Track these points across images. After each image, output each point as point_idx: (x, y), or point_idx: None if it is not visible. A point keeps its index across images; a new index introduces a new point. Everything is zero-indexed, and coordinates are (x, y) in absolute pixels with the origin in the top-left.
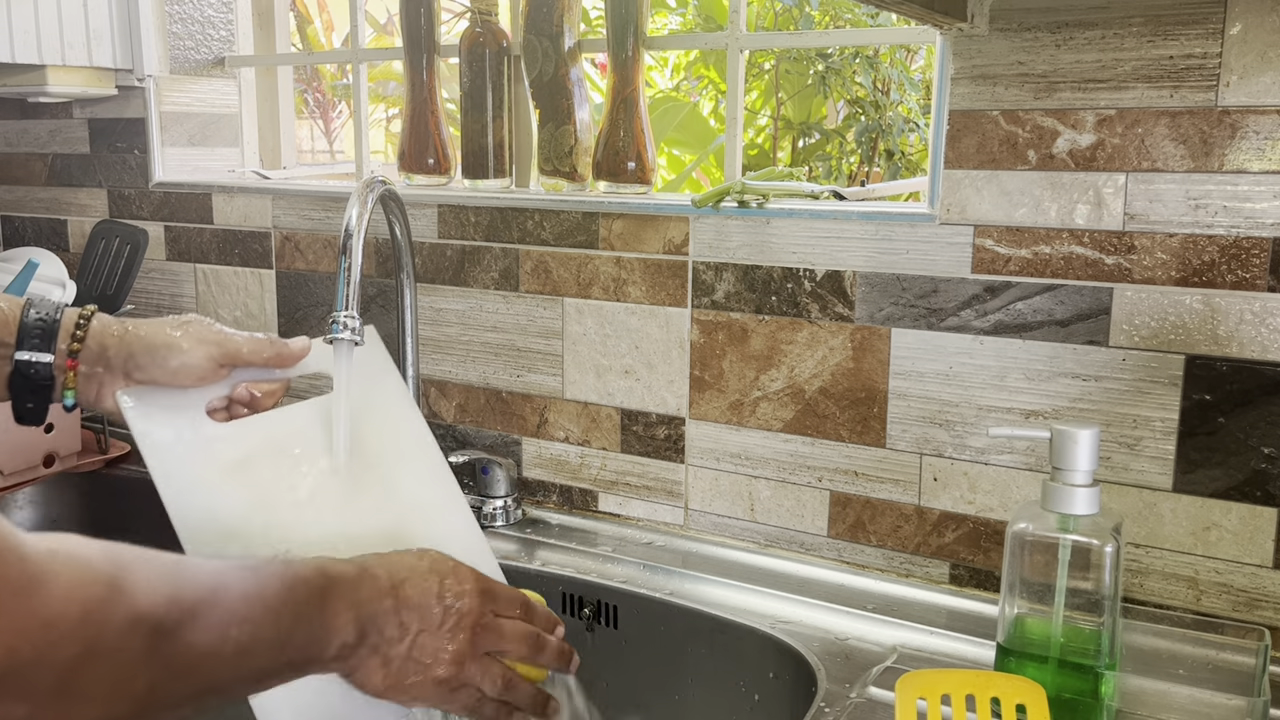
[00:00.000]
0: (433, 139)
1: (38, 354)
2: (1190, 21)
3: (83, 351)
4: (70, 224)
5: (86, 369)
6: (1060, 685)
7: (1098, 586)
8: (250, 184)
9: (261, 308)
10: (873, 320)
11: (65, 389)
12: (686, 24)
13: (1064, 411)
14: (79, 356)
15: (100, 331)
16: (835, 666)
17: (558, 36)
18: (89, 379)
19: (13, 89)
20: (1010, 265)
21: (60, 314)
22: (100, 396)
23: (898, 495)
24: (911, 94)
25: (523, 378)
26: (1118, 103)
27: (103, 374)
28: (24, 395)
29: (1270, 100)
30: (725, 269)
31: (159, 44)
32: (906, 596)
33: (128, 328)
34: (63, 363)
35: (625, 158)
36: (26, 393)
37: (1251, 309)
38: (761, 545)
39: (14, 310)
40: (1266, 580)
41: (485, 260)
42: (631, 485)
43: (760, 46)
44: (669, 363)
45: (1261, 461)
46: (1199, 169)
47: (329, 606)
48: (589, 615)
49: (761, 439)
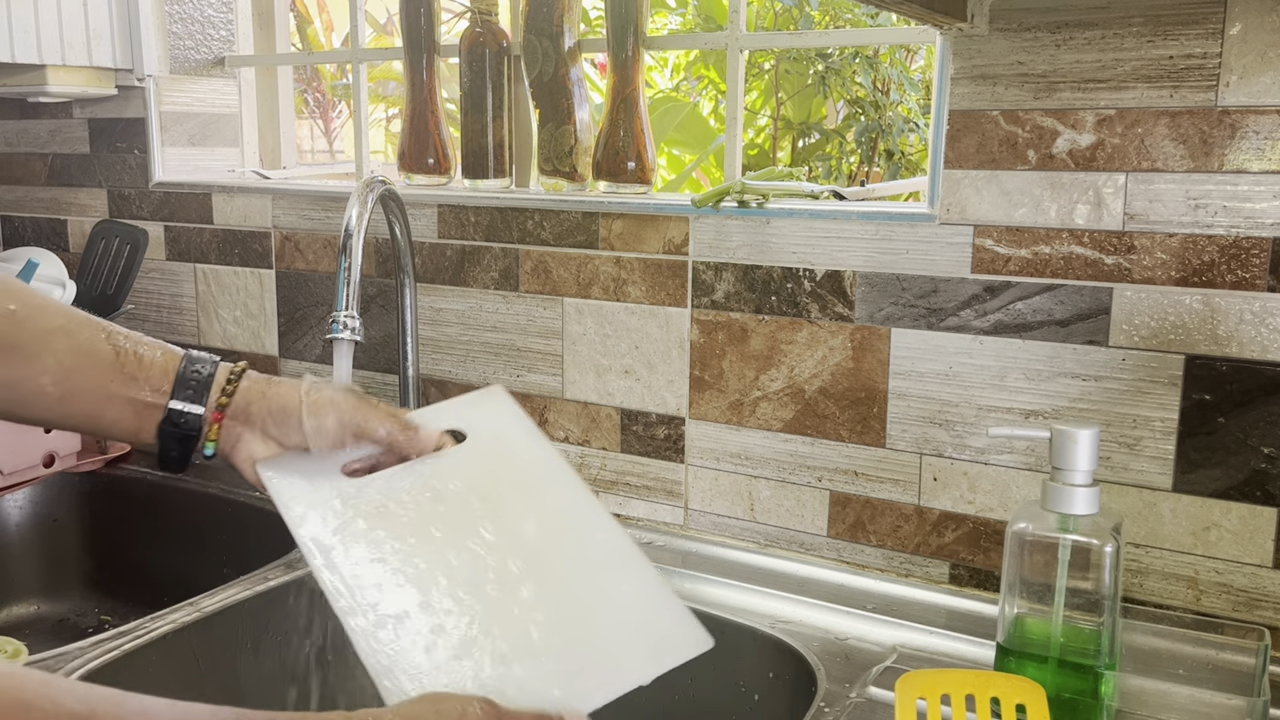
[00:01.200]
0: (433, 139)
1: (190, 405)
2: (1190, 21)
3: (230, 406)
4: (70, 224)
5: (229, 422)
6: (1060, 685)
7: (1098, 586)
8: (250, 184)
9: (261, 307)
10: (873, 320)
11: (208, 440)
12: (686, 24)
13: (1064, 411)
14: (226, 410)
15: (247, 389)
16: (835, 666)
17: (558, 36)
18: (228, 431)
19: (13, 89)
20: (1010, 265)
21: (215, 369)
22: (235, 450)
23: (898, 495)
24: (911, 94)
25: (523, 378)
26: (1117, 103)
27: (241, 428)
28: (170, 443)
29: (1270, 100)
30: (725, 269)
31: (159, 44)
32: (906, 596)
33: (271, 386)
34: (210, 415)
35: (625, 158)
36: (174, 441)
37: (1251, 309)
38: (761, 545)
39: (173, 362)
40: (1266, 580)
41: (485, 260)
42: (631, 485)
43: (760, 46)
44: (669, 363)
45: (1261, 461)
46: (1199, 169)
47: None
48: None
49: (761, 439)
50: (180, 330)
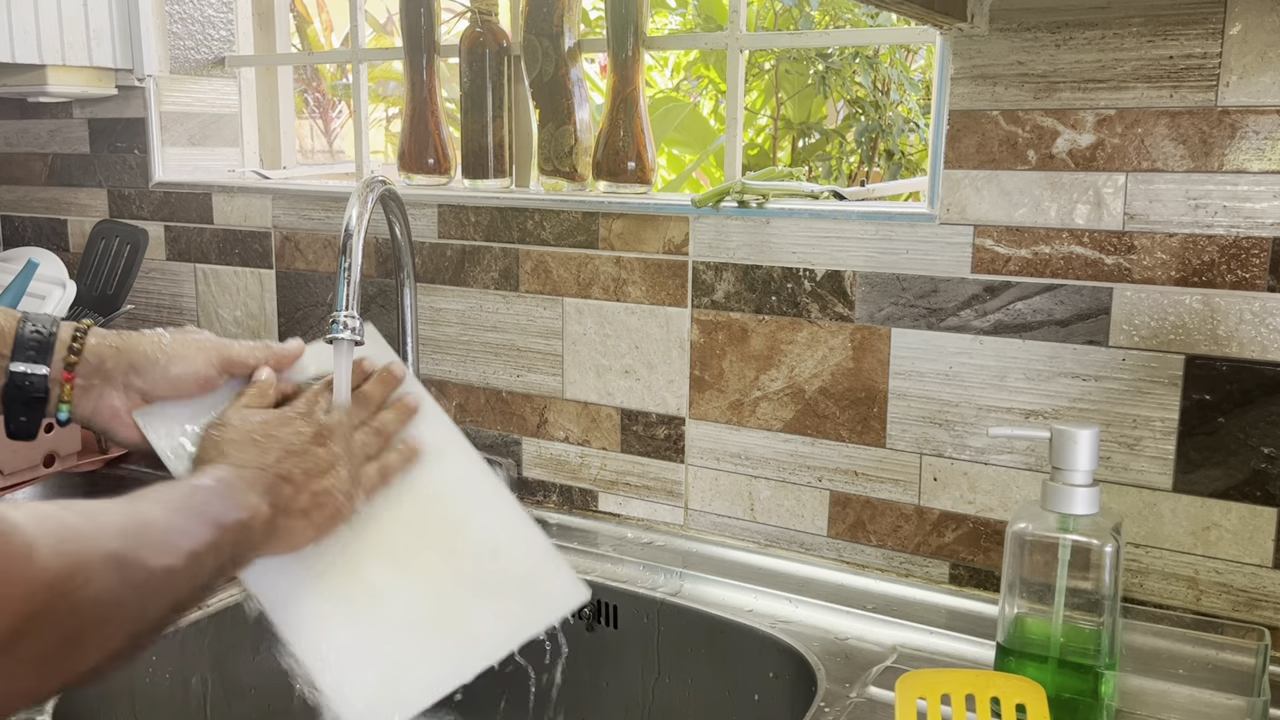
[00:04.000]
0: (433, 139)
1: (33, 365)
2: (1190, 21)
3: (80, 364)
4: (70, 224)
5: (84, 381)
6: (1060, 685)
7: (1098, 586)
8: (250, 184)
9: (261, 308)
10: (873, 320)
11: (60, 402)
12: (686, 24)
13: (1064, 411)
14: (75, 369)
15: (97, 345)
16: (835, 666)
17: (558, 36)
18: (86, 391)
19: (13, 89)
20: (1010, 265)
21: (56, 327)
22: (97, 410)
23: (898, 495)
24: (911, 94)
25: (523, 377)
26: (1117, 103)
27: (100, 385)
28: (17, 408)
29: (1270, 100)
30: (725, 269)
31: (159, 44)
32: (906, 596)
33: (125, 339)
34: (58, 375)
35: (625, 158)
36: (20, 405)
37: (1251, 309)
38: (761, 545)
39: (9, 323)
40: (1266, 580)
41: (485, 260)
42: (631, 485)
43: (760, 46)
44: (669, 363)
45: (1261, 461)
46: (1199, 169)
47: (234, 495)
48: (589, 615)
49: (761, 439)
50: None
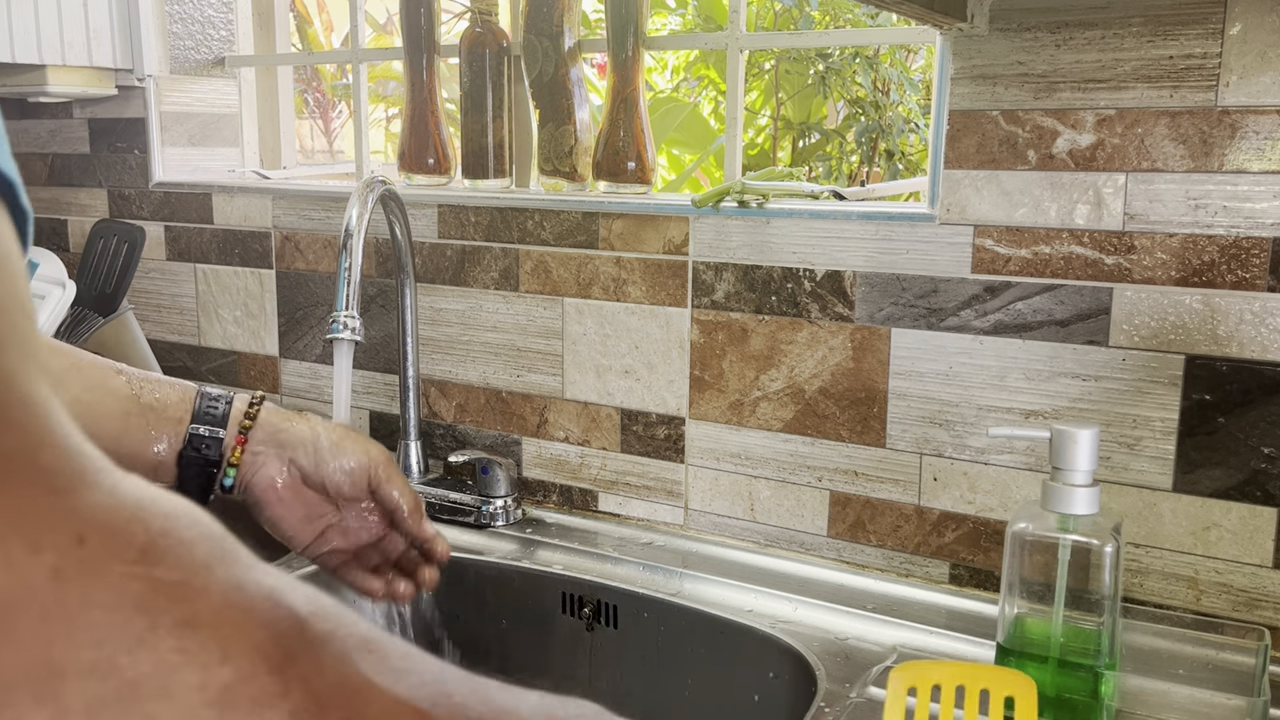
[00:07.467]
0: (433, 139)
1: (211, 428)
2: (1190, 21)
3: (253, 429)
4: (70, 224)
5: (254, 448)
6: (1060, 685)
7: (1098, 586)
8: (250, 184)
9: (261, 308)
10: (873, 320)
11: (229, 465)
12: (686, 24)
13: (1064, 411)
14: (249, 433)
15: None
16: (835, 666)
17: (558, 36)
18: (254, 457)
19: (13, 89)
20: (1010, 265)
21: (233, 399)
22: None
23: (898, 495)
24: (911, 94)
25: (523, 378)
26: (1117, 103)
27: (265, 454)
28: (191, 470)
29: (1270, 100)
30: (725, 269)
31: (159, 44)
32: (906, 596)
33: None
34: (232, 439)
35: (625, 158)
36: (195, 468)
37: (1251, 309)
38: (761, 545)
39: (187, 393)
40: (1266, 580)
41: (485, 260)
42: (631, 485)
43: (760, 46)
44: (669, 363)
45: (1261, 461)
46: (1199, 169)
47: None
48: (589, 615)
49: (761, 439)
50: (180, 330)
